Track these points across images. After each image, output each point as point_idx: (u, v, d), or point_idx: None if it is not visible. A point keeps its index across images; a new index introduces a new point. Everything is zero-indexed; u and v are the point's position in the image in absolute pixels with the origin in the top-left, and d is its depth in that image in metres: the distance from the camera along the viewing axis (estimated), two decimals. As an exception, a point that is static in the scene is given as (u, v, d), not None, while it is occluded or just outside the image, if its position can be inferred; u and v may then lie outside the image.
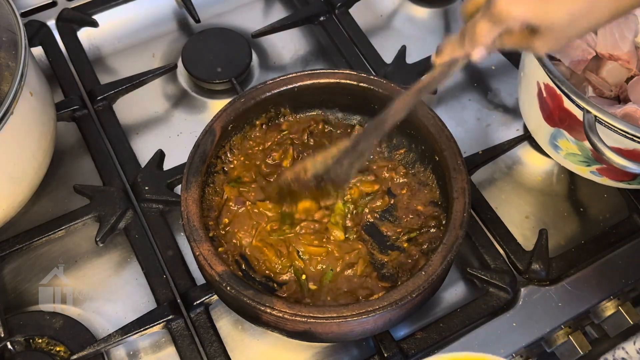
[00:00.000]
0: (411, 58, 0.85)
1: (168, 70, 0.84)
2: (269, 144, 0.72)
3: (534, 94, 0.71)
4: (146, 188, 0.74)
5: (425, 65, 0.84)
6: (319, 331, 0.60)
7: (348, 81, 0.70)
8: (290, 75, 0.71)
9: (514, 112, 0.85)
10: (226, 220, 0.67)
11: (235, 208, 0.68)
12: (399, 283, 0.63)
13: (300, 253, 0.65)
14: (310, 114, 0.74)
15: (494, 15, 0.49)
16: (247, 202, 0.68)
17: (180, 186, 0.71)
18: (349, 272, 0.65)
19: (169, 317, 0.66)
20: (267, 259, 0.65)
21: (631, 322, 0.70)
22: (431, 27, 0.94)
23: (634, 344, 0.68)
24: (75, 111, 0.80)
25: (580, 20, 0.49)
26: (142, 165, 0.76)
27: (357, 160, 0.62)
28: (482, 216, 0.74)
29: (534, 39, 0.51)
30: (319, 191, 0.64)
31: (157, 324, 0.66)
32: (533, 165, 0.81)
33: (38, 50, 0.86)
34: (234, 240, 0.66)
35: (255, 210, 0.68)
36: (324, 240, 0.66)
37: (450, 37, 0.55)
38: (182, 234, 0.70)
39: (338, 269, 0.65)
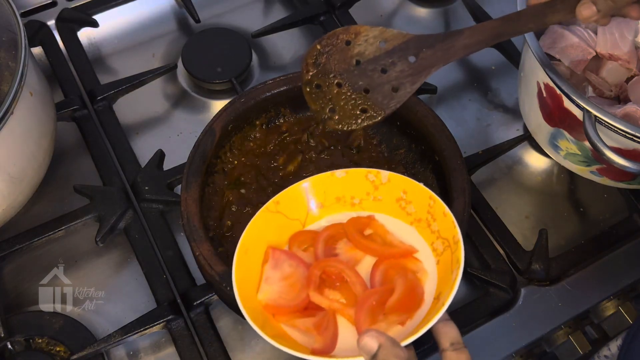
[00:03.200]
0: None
1: (168, 70, 0.84)
2: (270, 145, 0.72)
3: (534, 94, 0.71)
4: (146, 188, 0.74)
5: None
6: (319, 331, 0.60)
7: (348, 81, 0.70)
8: (290, 75, 0.71)
9: (514, 112, 0.85)
10: (229, 223, 0.67)
11: (238, 210, 0.68)
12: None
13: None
14: (310, 114, 0.74)
15: None
16: (249, 205, 0.68)
17: (180, 186, 0.71)
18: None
19: (169, 317, 0.66)
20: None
21: (631, 322, 0.70)
22: (431, 27, 0.94)
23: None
24: (75, 111, 0.80)
25: None
26: (142, 165, 0.76)
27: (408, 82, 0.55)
28: (482, 216, 0.74)
29: None
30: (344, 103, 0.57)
31: (157, 324, 0.66)
32: (533, 165, 0.81)
33: (38, 50, 0.86)
34: (236, 242, 0.66)
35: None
36: None
37: None
38: (182, 234, 0.70)
39: None
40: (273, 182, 0.70)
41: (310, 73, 0.58)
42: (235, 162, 0.71)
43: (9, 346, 0.64)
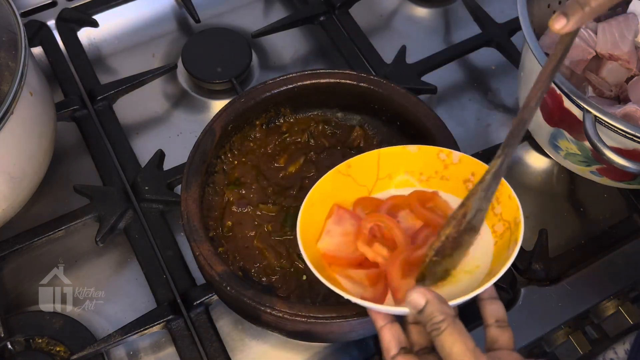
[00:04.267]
0: (411, 58, 0.85)
1: (168, 70, 0.84)
2: (270, 145, 0.72)
3: (534, 94, 0.71)
4: (146, 188, 0.74)
5: (425, 65, 0.84)
6: (319, 331, 0.60)
7: (348, 81, 0.70)
8: (290, 75, 0.71)
9: (514, 112, 0.85)
10: (229, 223, 0.67)
11: (238, 210, 0.68)
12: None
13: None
14: (310, 114, 0.74)
15: None
16: (249, 205, 0.68)
17: (180, 186, 0.71)
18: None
19: (169, 317, 0.66)
20: (268, 261, 0.65)
21: (631, 322, 0.70)
22: (431, 27, 0.94)
23: (624, 344, 0.69)
24: (75, 111, 0.80)
25: None
26: (142, 165, 0.76)
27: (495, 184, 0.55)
28: (482, 216, 0.73)
29: None
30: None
31: (157, 324, 0.66)
32: (533, 165, 0.81)
33: (38, 50, 0.86)
34: (236, 242, 0.66)
35: (258, 213, 0.68)
36: None
37: None
38: (182, 234, 0.70)
39: None
40: (273, 183, 0.70)
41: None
42: (235, 162, 0.71)
43: (9, 346, 0.64)
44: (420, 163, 0.62)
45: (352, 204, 0.61)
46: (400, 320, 0.52)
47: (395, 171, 0.63)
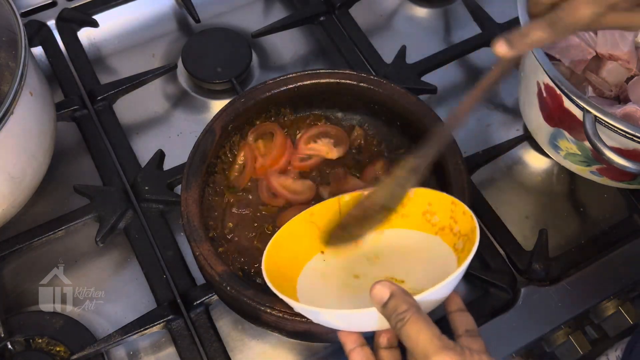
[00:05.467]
0: (411, 58, 0.85)
1: (168, 70, 0.84)
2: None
3: (534, 94, 0.71)
4: (146, 188, 0.74)
5: (425, 65, 0.84)
6: (319, 331, 0.60)
7: (348, 81, 0.70)
8: (291, 75, 0.71)
9: (514, 112, 0.85)
10: (231, 225, 0.67)
11: (239, 212, 0.68)
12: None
13: None
14: (310, 114, 0.74)
15: None
16: (249, 207, 0.68)
17: (180, 186, 0.71)
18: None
19: (169, 317, 0.66)
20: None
21: (631, 322, 0.71)
22: (431, 27, 0.94)
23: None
24: (75, 111, 0.80)
25: None
26: (142, 165, 0.76)
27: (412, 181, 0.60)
28: (482, 216, 0.73)
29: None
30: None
31: (157, 324, 0.66)
32: (533, 165, 0.81)
33: (38, 50, 0.86)
34: (237, 243, 0.66)
35: (258, 214, 0.68)
36: None
37: (524, 28, 0.51)
38: (182, 234, 0.70)
39: None
40: (273, 182, 0.70)
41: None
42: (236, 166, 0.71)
43: (9, 346, 0.64)
44: None
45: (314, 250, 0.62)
46: (371, 344, 0.52)
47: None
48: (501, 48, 0.51)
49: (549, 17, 0.49)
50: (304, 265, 0.61)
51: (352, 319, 0.51)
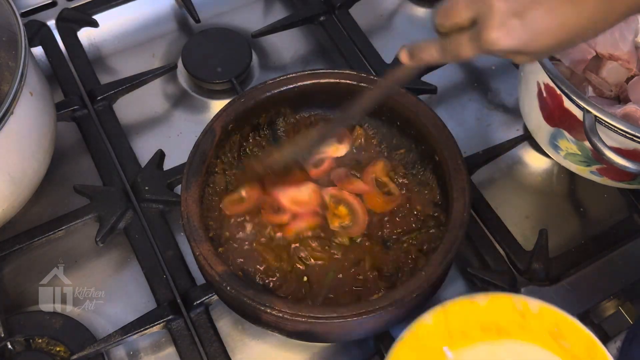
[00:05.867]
0: (411, 58, 0.85)
1: (168, 70, 0.84)
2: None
3: (534, 94, 0.71)
4: (146, 188, 0.74)
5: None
6: (319, 331, 0.60)
7: (348, 81, 0.70)
8: (290, 75, 0.71)
9: (514, 112, 0.85)
10: (231, 224, 0.67)
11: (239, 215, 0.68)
12: (399, 283, 0.63)
13: (303, 258, 0.65)
14: (310, 114, 0.74)
15: (481, 42, 0.49)
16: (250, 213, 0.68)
17: (180, 186, 0.71)
18: (351, 271, 0.65)
19: (169, 317, 0.66)
20: (268, 262, 0.65)
21: (631, 322, 0.70)
22: (431, 27, 0.94)
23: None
24: (75, 111, 0.80)
25: (564, 44, 0.50)
26: (142, 165, 0.76)
27: (319, 145, 0.66)
28: (482, 216, 0.73)
29: (515, 55, 0.51)
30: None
31: (157, 324, 0.66)
32: (533, 165, 0.81)
33: (38, 50, 0.86)
34: (237, 243, 0.66)
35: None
36: (326, 247, 0.66)
37: (423, 42, 0.55)
38: (182, 234, 0.70)
39: (340, 272, 0.65)
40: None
41: None
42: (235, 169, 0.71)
43: (9, 346, 0.64)
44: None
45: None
46: None
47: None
48: (404, 57, 0.55)
49: (442, 42, 0.53)
50: None
51: None
